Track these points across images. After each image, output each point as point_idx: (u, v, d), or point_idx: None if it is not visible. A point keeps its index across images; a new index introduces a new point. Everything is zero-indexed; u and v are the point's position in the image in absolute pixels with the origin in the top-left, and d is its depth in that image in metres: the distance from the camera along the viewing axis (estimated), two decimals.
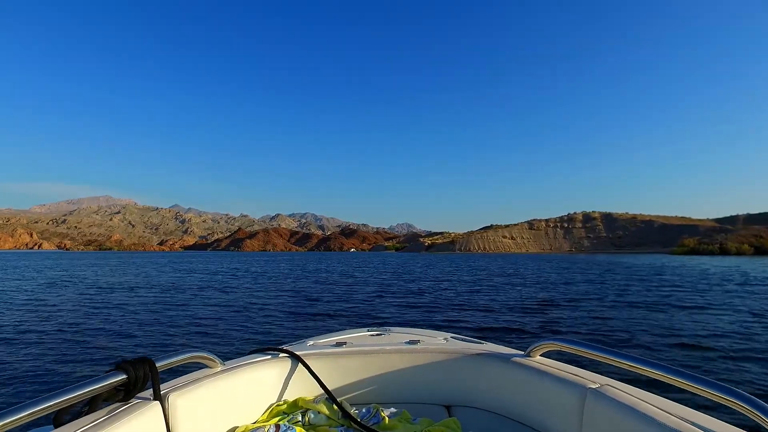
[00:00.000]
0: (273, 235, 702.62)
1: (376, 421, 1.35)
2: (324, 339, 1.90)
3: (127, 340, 7.39)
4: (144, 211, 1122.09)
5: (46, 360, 5.95)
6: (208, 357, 1.35)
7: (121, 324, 8.95)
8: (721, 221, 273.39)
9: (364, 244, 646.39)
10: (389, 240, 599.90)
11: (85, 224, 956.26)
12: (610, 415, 1.07)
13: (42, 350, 6.51)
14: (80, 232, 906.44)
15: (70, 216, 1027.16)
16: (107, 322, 9.23)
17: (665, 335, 7.91)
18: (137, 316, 10.09)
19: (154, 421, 1.07)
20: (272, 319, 9.78)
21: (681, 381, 0.97)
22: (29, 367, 5.58)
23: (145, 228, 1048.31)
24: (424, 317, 10.36)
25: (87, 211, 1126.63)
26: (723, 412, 1.16)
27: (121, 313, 10.42)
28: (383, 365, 1.62)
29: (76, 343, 7.10)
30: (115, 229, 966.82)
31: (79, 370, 5.46)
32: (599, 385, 1.19)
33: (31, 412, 0.81)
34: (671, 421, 0.94)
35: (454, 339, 1.88)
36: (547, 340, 1.40)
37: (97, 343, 7.07)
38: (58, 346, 6.79)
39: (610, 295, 15.07)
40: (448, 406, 1.62)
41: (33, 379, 5.04)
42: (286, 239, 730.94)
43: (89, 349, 6.65)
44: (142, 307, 11.67)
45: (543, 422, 1.34)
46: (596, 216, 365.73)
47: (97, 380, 0.97)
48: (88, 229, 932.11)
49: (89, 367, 5.66)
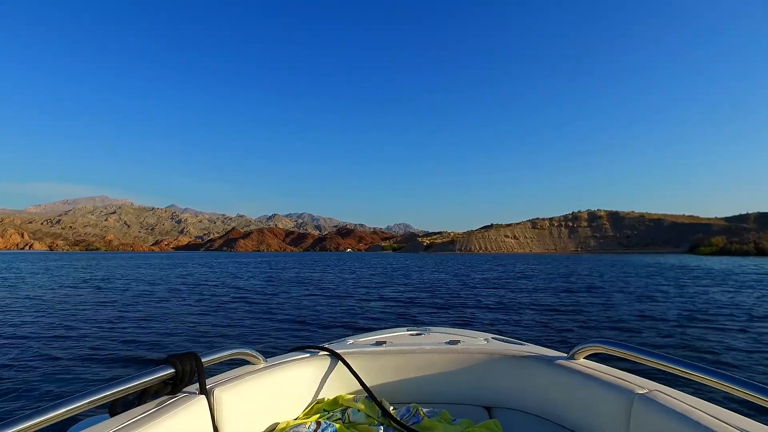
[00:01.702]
0: (267, 235, 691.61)
1: (415, 420, 1.35)
2: (364, 338, 1.90)
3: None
4: (140, 211, 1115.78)
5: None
6: (251, 353, 1.37)
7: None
8: (730, 220, 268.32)
9: (360, 244, 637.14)
10: (386, 240, 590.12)
11: (80, 224, 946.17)
12: (660, 421, 1.02)
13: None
14: (75, 232, 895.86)
15: (65, 216, 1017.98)
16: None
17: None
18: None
19: (200, 414, 1.10)
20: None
21: (735, 387, 0.93)
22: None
23: (141, 228, 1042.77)
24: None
25: (82, 211, 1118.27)
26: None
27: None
28: (423, 365, 1.61)
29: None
30: (110, 230, 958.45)
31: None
32: (648, 390, 1.14)
33: (90, 400, 0.87)
34: (723, 429, 0.90)
35: (494, 340, 1.85)
36: (592, 343, 1.36)
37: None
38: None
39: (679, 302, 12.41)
40: (489, 407, 1.59)
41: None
42: (281, 239, 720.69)
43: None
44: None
45: (587, 427, 1.29)
46: (602, 215, 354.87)
47: (148, 373, 1.02)
48: (82, 229, 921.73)
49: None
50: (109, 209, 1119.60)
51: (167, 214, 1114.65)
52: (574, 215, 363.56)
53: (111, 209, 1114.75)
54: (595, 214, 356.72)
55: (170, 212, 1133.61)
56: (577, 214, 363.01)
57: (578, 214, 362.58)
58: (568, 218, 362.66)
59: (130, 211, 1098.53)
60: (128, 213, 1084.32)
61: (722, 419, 0.94)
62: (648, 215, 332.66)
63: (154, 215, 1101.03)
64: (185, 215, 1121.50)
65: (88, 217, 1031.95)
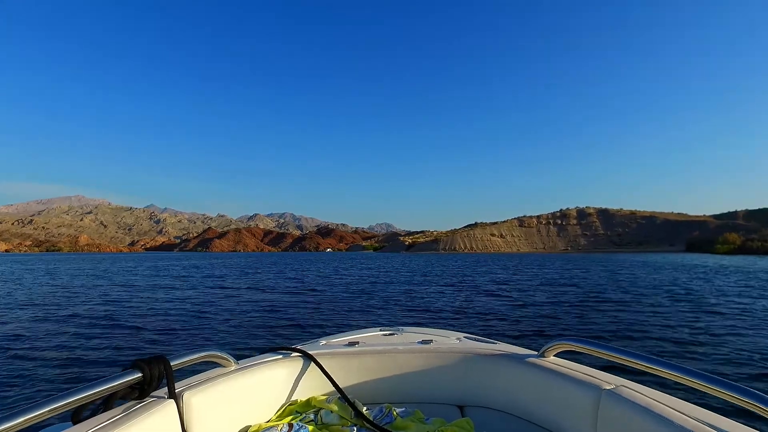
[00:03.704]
0: (245, 235, 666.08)
1: (388, 420, 1.35)
2: (336, 338, 1.89)
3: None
4: (117, 211, 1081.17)
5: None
6: (222, 356, 1.35)
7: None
8: (719, 217, 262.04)
9: (341, 243, 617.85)
10: (367, 240, 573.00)
11: (53, 224, 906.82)
12: (626, 416, 1.05)
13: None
14: (48, 232, 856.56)
15: (38, 216, 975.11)
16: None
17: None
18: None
19: (169, 419, 1.07)
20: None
21: (698, 382, 0.96)
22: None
23: (118, 228, 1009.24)
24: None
25: (56, 211, 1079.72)
26: (742, 414, 1.09)
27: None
28: (396, 365, 1.61)
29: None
30: (86, 230, 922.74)
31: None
32: (614, 386, 1.17)
33: (51, 408, 0.83)
34: (688, 423, 0.92)
35: (467, 339, 1.86)
36: (561, 340, 1.38)
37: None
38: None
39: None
40: (461, 406, 1.60)
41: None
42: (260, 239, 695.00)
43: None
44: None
45: (557, 423, 1.32)
46: (591, 212, 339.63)
47: (113, 378, 0.98)
48: (56, 229, 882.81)
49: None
50: (85, 209, 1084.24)
51: (146, 214, 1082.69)
52: (562, 213, 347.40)
53: (87, 209, 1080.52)
54: (584, 212, 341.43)
55: (149, 212, 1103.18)
56: (566, 211, 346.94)
57: (567, 211, 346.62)
58: (557, 216, 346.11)
59: (107, 210, 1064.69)
60: (105, 213, 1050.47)
61: (687, 413, 0.97)
62: (640, 213, 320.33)
63: (132, 215, 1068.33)
64: (164, 215, 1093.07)
65: (63, 217, 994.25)
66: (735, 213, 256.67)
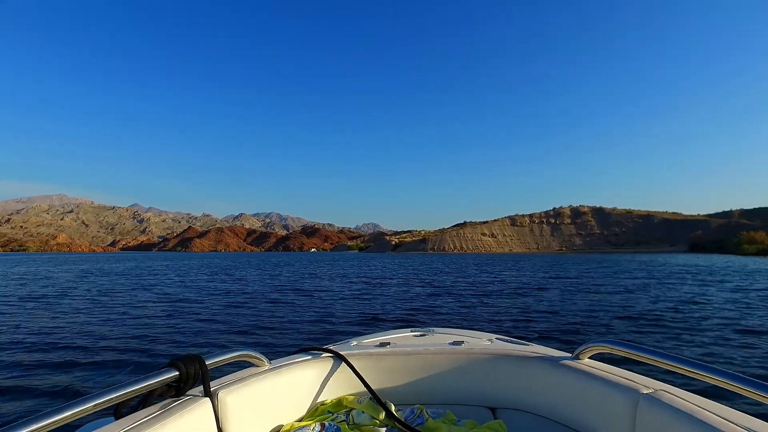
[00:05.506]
0: (227, 235, 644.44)
1: (420, 421, 1.34)
2: (368, 339, 1.89)
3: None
4: (99, 210, 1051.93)
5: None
6: (255, 356, 1.37)
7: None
8: (714, 216, 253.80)
9: (326, 243, 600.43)
10: (353, 239, 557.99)
11: (33, 224, 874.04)
12: (665, 421, 1.01)
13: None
14: (26, 232, 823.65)
15: (17, 215, 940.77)
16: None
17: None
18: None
19: (205, 417, 1.09)
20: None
21: (741, 387, 0.91)
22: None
23: (100, 228, 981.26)
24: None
25: (36, 210, 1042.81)
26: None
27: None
28: (427, 366, 1.60)
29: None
30: (66, 229, 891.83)
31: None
32: (653, 390, 1.13)
33: (96, 403, 0.87)
34: (730, 429, 0.89)
35: (498, 340, 1.83)
36: (596, 342, 1.34)
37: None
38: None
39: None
40: (494, 408, 1.58)
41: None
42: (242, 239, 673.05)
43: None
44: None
45: (592, 427, 1.28)
46: (586, 210, 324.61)
47: (152, 376, 1.02)
48: (35, 228, 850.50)
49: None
50: (66, 208, 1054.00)
51: (129, 213, 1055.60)
52: (555, 211, 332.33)
53: (68, 208, 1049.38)
54: (578, 210, 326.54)
55: (132, 211, 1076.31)
56: (559, 210, 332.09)
57: (560, 210, 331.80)
58: (550, 214, 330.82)
59: (88, 210, 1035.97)
60: (87, 212, 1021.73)
61: (729, 419, 0.93)
62: (636, 212, 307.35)
63: (115, 214, 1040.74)
64: (148, 214, 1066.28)
65: (43, 216, 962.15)
66: (730, 212, 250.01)
